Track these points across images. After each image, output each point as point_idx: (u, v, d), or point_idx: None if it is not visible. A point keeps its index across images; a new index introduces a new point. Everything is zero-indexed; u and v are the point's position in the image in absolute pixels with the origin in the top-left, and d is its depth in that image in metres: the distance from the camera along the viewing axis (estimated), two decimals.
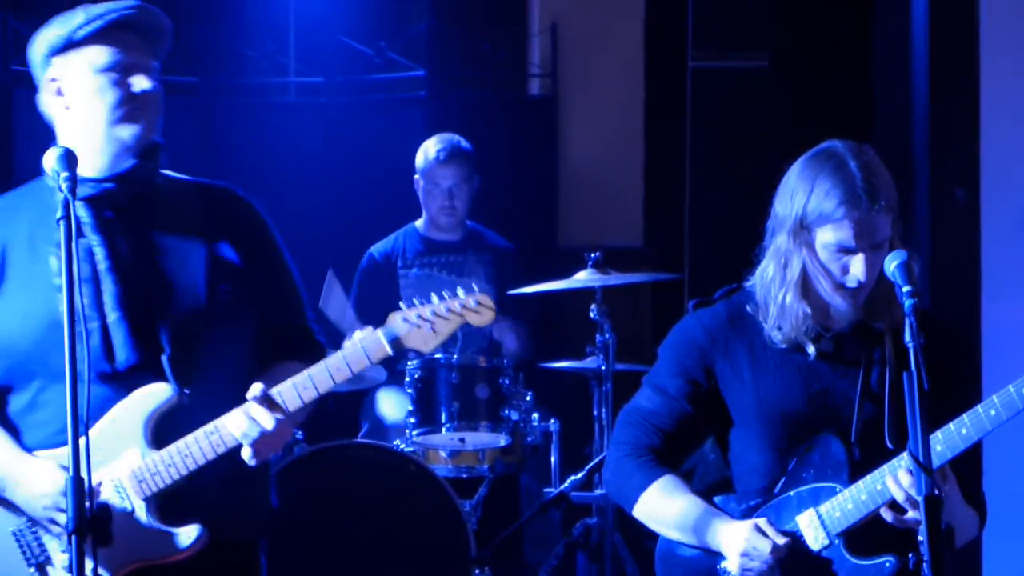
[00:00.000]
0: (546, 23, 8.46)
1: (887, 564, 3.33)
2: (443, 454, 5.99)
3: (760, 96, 6.63)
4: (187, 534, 3.24)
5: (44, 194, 3.37)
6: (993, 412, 3.24)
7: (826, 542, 3.39)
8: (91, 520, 2.80)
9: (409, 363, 5.97)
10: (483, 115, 7.92)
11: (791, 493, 3.46)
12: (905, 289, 3.04)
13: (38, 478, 3.23)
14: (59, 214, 3.00)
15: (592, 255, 6.07)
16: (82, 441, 2.84)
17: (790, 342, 3.48)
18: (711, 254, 6.58)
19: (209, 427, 3.25)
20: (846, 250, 3.38)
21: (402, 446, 5.85)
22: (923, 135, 5.87)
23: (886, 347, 3.46)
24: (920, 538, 2.86)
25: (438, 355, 6.00)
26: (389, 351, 3.31)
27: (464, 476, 6.05)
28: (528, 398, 6.04)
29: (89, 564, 2.78)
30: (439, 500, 5.50)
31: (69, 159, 3.09)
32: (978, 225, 5.70)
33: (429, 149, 6.74)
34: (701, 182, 6.77)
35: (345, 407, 6.46)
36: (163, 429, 3.26)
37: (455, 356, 6.01)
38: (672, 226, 7.33)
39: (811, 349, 3.47)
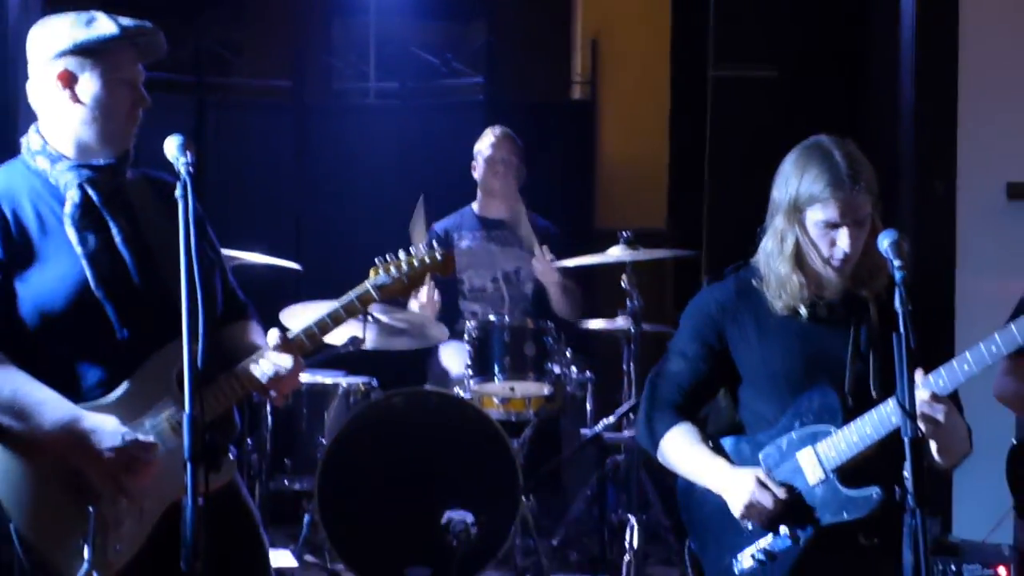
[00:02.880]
0: (587, 38, 8.47)
1: (874, 495, 3.33)
2: (496, 400, 5.99)
3: (770, 101, 6.59)
4: (227, 467, 3.23)
5: (28, 173, 3.29)
6: (994, 348, 3.22)
7: (822, 476, 3.39)
8: (205, 448, 2.78)
9: (468, 324, 5.98)
10: (532, 116, 7.90)
11: (793, 435, 3.46)
12: (896, 264, 3.03)
13: (100, 421, 3.12)
14: (178, 192, 2.93)
15: (624, 234, 6.07)
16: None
17: (789, 309, 3.49)
18: (725, 235, 6.55)
19: (232, 373, 3.24)
20: (832, 225, 3.39)
21: (461, 393, 5.86)
22: (909, 136, 5.85)
23: (870, 312, 3.46)
24: (905, 474, 2.83)
25: (492, 318, 6.01)
26: (375, 297, 3.37)
27: (513, 419, 6.04)
28: (568, 354, 6.04)
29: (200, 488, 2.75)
30: (492, 439, 5.49)
31: (187, 146, 3.04)
32: (954, 212, 5.70)
33: (487, 131, 6.79)
34: (718, 174, 6.74)
35: (414, 361, 6.47)
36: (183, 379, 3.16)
37: (507, 318, 6.02)
38: (692, 211, 7.29)
39: (804, 312, 3.48)
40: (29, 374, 3.15)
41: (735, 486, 3.44)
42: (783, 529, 3.42)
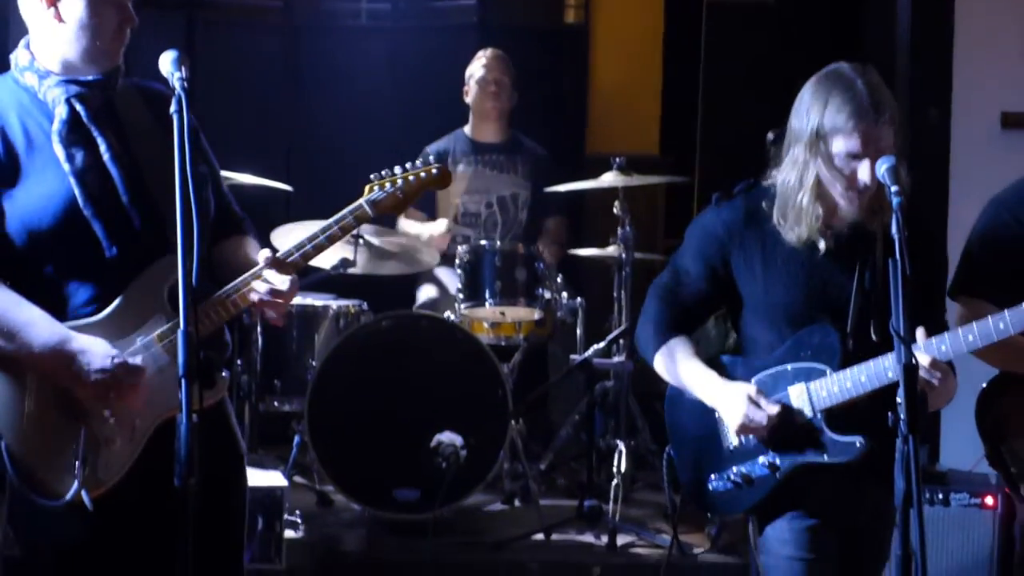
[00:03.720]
0: None
1: (857, 444, 3.33)
2: (486, 325, 6.01)
3: (764, 28, 6.57)
4: (219, 385, 3.20)
5: (17, 88, 3.26)
6: (1002, 325, 3.22)
7: (810, 414, 3.39)
8: (200, 364, 2.77)
9: (459, 248, 5.98)
10: (525, 40, 7.82)
11: (788, 367, 3.44)
12: (893, 189, 3.02)
13: (88, 343, 3.11)
14: (172, 108, 2.92)
15: (616, 160, 6.05)
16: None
17: (803, 241, 3.44)
18: (717, 162, 6.54)
19: (225, 291, 3.20)
20: (855, 156, 3.32)
21: (452, 317, 5.86)
22: (904, 63, 5.83)
23: (877, 250, 3.41)
24: (899, 400, 2.83)
25: (483, 242, 6.01)
26: (371, 213, 3.32)
27: (503, 344, 6.07)
28: (559, 280, 6.05)
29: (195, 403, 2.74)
30: (482, 363, 5.50)
31: (182, 61, 3.03)
32: (948, 138, 5.70)
33: (479, 53, 6.79)
34: (711, 100, 6.72)
35: (404, 285, 6.47)
36: (175, 296, 3.04)
37: (498, 243, 6.01)
38: (684, 137, 7.27)
39: (822, 246, 3.43)
40: (18, 292, 3.14)
41: (728, 400, 3.44)
42: (762, 458, 3.44)
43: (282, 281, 3.19)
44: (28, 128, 3.22)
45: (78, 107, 3.21)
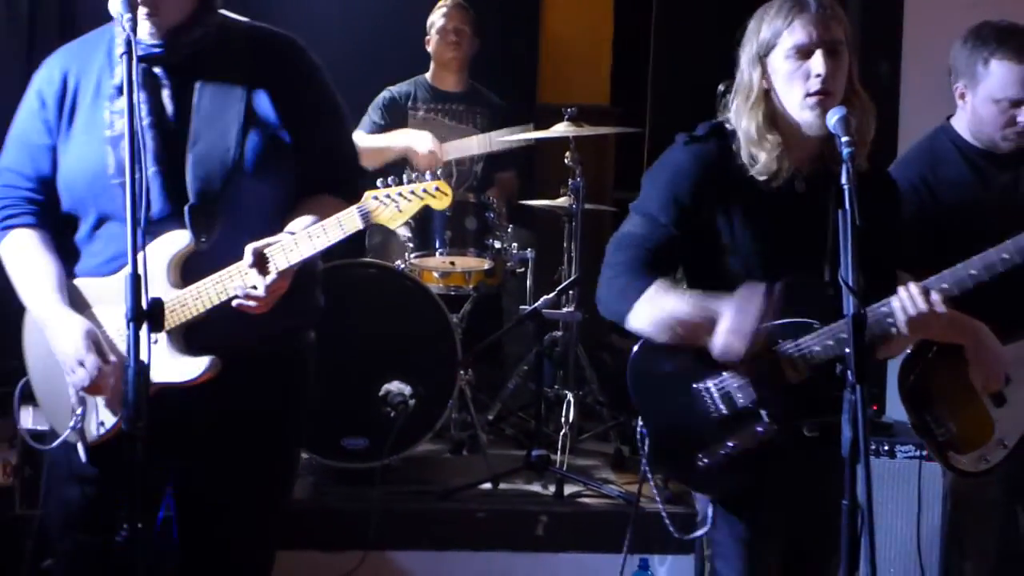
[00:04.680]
0: None
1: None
2: (436, 275, 6.00)
3: None
4: (200, 363, 3.13)
5: (111, 43, 3.24)
6: (1006, 255, 3.20)
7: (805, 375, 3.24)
8: (149, 308, 2.75)
9: None
10: None
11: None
12: (844, 139, 2.96)
13: (65, 335, 3.14)
14: (121, 50, 2.86)
15: (568, 110, 6.04)
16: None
17: (768, 172, 3.26)
18: (668, 113, 6.53)
19: (221, 274, 3.12)
20: (804, 53, 3.20)
21: (401, 266, 5.84)
22: (855, 19, 5.83)
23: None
24: (846, 349, 2.82)
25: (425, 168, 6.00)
26: (360, 224, 3.12)
27: (453, 293, 6.06)
28: (509, 230, 6.04)
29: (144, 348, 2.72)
30: (432, 312, 5.48)
31: (131, 3, 2.93)
32: (898, 93, 5.70)
33: (440, 2, 6.77)
34: (662, 50, 6.71)
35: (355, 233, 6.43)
36: (185, 271, 3.14)
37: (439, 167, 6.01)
38: (635, 88, 7.26)
39: (798, 188, 3.29)
40: (61, 239, 3.26)
41: (724, 302, 3.15)
42: (753, 422, 3.27)
43: (257, 281, 3.07)
44: (100, 83, 3.23)
45: (135, 68, 3.00)
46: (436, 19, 6.71)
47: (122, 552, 2.73)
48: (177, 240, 3.14)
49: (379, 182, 3.23)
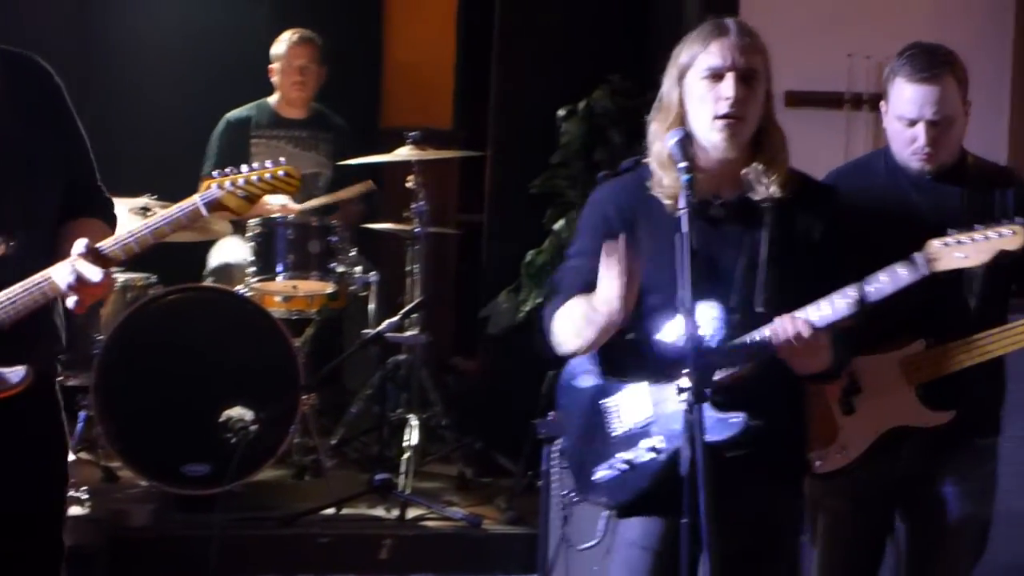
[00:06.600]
0: None
1: (739, 420, 3.16)
2: (278, 299, 5.97)
3: (556, 9, 6.60)
4: (16, 373, 3.06)
5: None
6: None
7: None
8: None
9: (250, 220, 5.91)
10: (319, 12, 7.74)
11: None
12: (681, 165, 3.01)
13: None
14: None
15: (411, 135, 6.05)
16: None
17: (671, 197, 3.18)
18: (510, 137, 6.56)
19: (37, 277, 3.03)
20: (717, 74, 3.19)
21: (243, 290, 5.79)
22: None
23: (765, 221, 3.24)
24: (685, 371, 2.86)
25: (275, 215, 5.96)
26: (205, 214, 3.07)
27: (295, 317, 6.05)
28: (353, 253, 6.04)
29: None
30: (273, 337, 5.45)
31: None
32: None
33: (286, 35, 6.66)
34: (504, 76, 6.74)
35: (193, 255, 6.36)
36: None
37: (290, 216, 5.97)
38: (478, 112, 7.30)
39: (713, 212, 3.25)
40: None
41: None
42: (643, 442, 3.26)
43: (94, 272, 3.00)
44: None
45: None
46: (280, 53, 6.61)
47: None
48: None
49: (215, 173, 3.13)
